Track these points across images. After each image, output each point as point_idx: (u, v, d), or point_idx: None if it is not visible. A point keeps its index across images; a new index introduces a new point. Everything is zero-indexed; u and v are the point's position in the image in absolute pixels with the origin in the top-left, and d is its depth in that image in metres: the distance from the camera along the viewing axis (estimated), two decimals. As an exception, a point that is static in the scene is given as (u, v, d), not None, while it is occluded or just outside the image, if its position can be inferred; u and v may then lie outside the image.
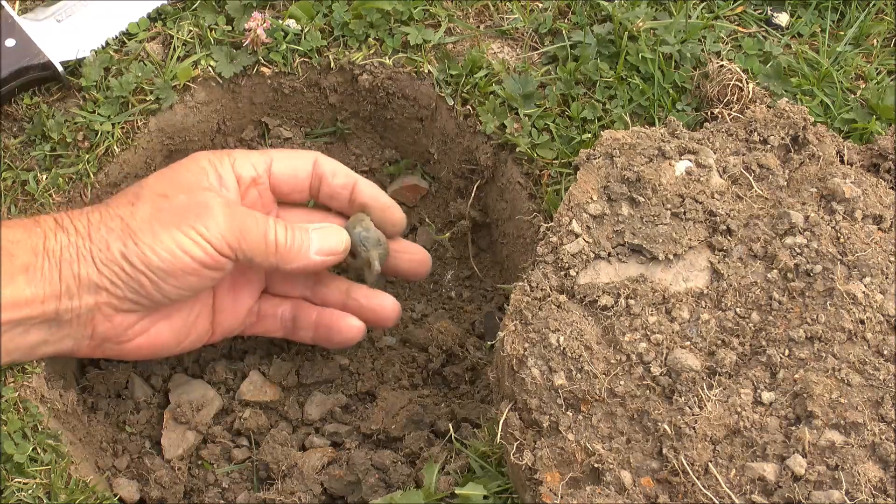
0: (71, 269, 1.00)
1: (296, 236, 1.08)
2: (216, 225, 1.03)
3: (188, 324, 1.11)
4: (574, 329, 0.94)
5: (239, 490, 1.15)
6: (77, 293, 1.01)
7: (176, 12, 1.27)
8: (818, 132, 1.06)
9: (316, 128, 1.32)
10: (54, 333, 1.03)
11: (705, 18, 1.22)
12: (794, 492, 0.87)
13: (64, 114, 1.21)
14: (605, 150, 1.04)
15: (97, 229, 1.02)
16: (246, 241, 1.05)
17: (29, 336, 1.01)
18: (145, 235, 1.01)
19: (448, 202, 1.31)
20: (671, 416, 0.91)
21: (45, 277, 0.99)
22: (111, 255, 1.01)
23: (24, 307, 0.99)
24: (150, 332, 1.08)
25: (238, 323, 1.16)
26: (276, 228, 1.07)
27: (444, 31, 1.25)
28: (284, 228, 1.08)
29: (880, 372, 0.91)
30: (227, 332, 1.16)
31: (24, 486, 1.01)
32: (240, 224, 1.04)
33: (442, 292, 1.31)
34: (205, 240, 1.02)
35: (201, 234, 1.02)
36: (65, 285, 1.00)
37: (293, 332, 1.18)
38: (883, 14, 1.25)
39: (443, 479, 1.02)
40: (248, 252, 1.05)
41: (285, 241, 1.07)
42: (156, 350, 1.10)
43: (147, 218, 1.02)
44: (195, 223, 1.02)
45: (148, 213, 1.03)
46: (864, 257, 0.96)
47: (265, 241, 1.06)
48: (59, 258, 1.00)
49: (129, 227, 1.01)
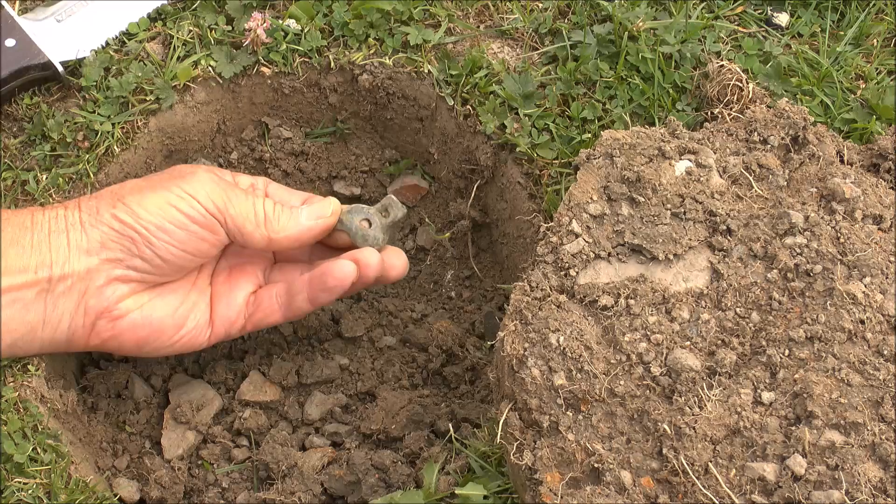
0: (59, 239, 1.03)
1: (284, 209, 1.11)
2: (202, 187, 1.06)
3: (185, 307, 1.10)
4: (574, 329, 0.94)
5: (239, 490, 1.15)
6: (68, 259, 1.03)
7: (176, 12, 1.27)
8: (818, 132, 1.06)
9: (316, 128, 1.32)
10: (50, 311, 1.03)
11: (705, 18, 1.22)
12: (794, 492, 0.87)
13: (64, 114, 1.21)
14: (605, 150, 1.04)
15: (88, 202, 1.06)
16: (233, 206, 1.07)
17: (28, 314, 1.02)
18: (134, 197, 1.05)
19: (448, 202, 1.31)
20: (671, 416, 0.91)
21: (35, 247, 1.02)
22: (101, 217, 1.04)
23: (17, 274, 1.01)
24: (143, 308, 1.07)
25: (236, 315, 1.13)
26: (264, 202, 1.09)
27: (444, 31, 1.25)
28: (273, 203, 1.10)
29: (880, 372, 0.91)
30: (226, 325, 1.13)
31: (24, 486, 1.01)
32: (226, 191, 1.08)
33: (442, 292, 1.31)
34: (191, 196, 1.06)
35: (188, 192, 1.06)
36: (55, 253, 1.02)
37: (289, 306, 1.14)
38: (883, 14, 1.25)
39: (443, 479, 1.02)
40: (237, 219, 1.07)
41: (272, 211, 1.09)
42: (153, 333, 1.08)
43: (135, 186, 1.07)
44: (181, 185, 1.06)
45: (137, 182, 1.08)
46: (864, 257, 0.96)
47: (253, 210, 1.08)
48: (49, 230, 1.03)
49: (118, 194, 1.06)
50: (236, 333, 1.15)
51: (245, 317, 1.14)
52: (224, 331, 1.13)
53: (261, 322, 1.15)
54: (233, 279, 1.15)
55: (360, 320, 1.27)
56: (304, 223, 1.10)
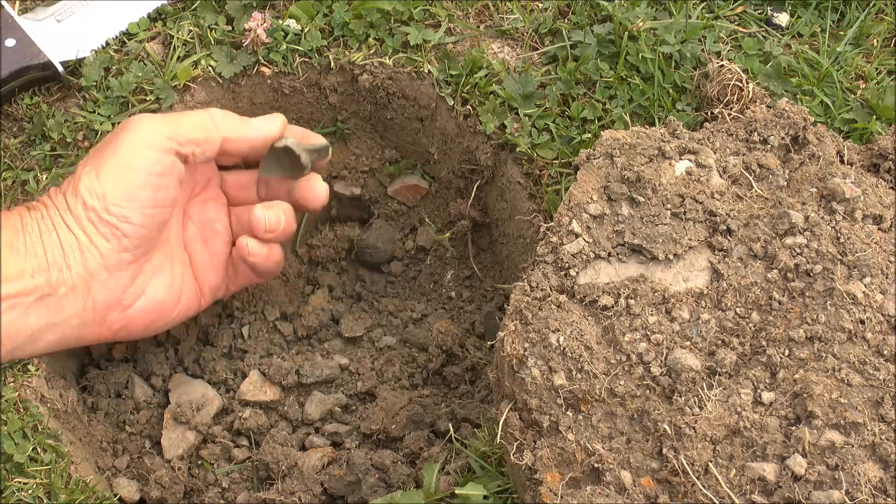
0: (51, 240, 1.03)
1: (234, 115, 1.11)
2: (150, 128, 1.05)
3: (177, 281, 1.13)
4: (574, 329, 0.94)
5: (239, 490, 1.15)
6: (64, 262, 1.03)
7: (176, 12, 1.27)
8: (818, 132, 1.06)
9: (316, 128, 1.32)
10: (54, 314, 1.03)
11: (705, 18, 1.22)
12: (794, 492, 0.87)
13: (64, 114, 1.21)
14: (605, 150, 1.04)
15: (56, 197, 1.05)
16: (182, 124, 1.07)
17: (28, 318, 1.01)
18: (91, 176, 1.04)
19: (448, 202, 1.31)
20: (671, 416, 0.91)
21: (30, 251, 1.02)
22: (76, 213, 1.04)
23: (15, 280, 1.00)
24: (147, 293, 1.09)
25: (220, 279, 1.17)
26: (213, 112, 1.10)
27: (444, 31, 1.25)
28: (222, 112, 1.10)
29: (880, 372, 0.91)
30: (213, 291, 1.17)
31: (24, 485, 1.01)
32: (173, 117, 1.08)
33: (442, 292, 1.31)
34: (144, 146, 1.05)
35: (134, 143, 1.04)
36: (51, 256, 1.02)
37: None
38: (883, 14, 1.25)
39: (443, 479, 1.02)
40: (189, 132, 1.07)
41: (222, 115, 1.10)
42: (160, 315, 1.12)
43: (88, 166, 1.06)
44: (129, 138, 1.05)
45: (88, 162, 1.06)
46: (864, 257, 0.96)
47: (203, 121, 1.08)
48: (39, 232, 1.03)
49: (77, 178, 1.05)
50: (223, 296, 1.21)
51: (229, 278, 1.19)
52: (212, 297, 1.18)
53: (243, 285, 1.21)
54: (205, 240, 1.17)
55: (360, 320, 1.27)
56: (258, 125, 1.12)
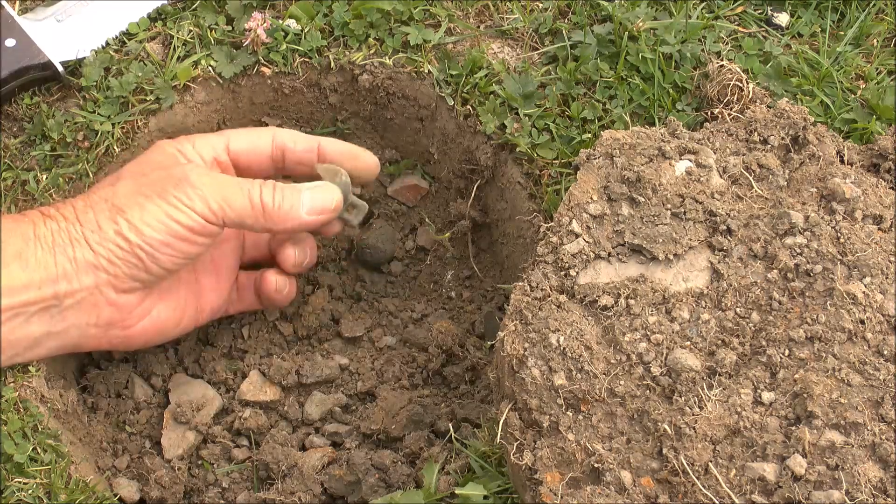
0: (66, 254, 1.02)
1: (285, 196, 1.09)
2: (197, 194, 1.05)
3: (181, 304, 1.13)
4: (574, 329, 0.94)
5: (239, 490, 1.15)
6: (75, 276, 1.02)
7: (176, 12, 1.27)
8: (818, 132, 1.06)
9: (316, 128, 1.32)
10: (56, 323, 1.03)
11: (705, 18, 1.22)
12: (794, 492, 0.87)
13: (64, 114, 1.21)
14: (605, 150, 1.04)
15: (84, 213, 1.04)
16: (231, 206, 1.06)
17: (30, 326, 1.02)
18: (133, 210, 1.03)
19: (448, 202, 1.31)
20: (671, 416, 0.91)
21: (40, 262, 1.01)
22: (105, 234, 1.03)
23: (20, 292, 1.00)
24: (152, 314, 1.10)
25: (223, 301, 1.18)
26: (262, 190, 1.08)
27: (444, 31, 1.25)
28: (272, 189, 1.09)
29: (880, 372, 0.91)
30: (213, 312, 1.18)
31: (24, 486, 1.01)
32: (221, 190, 1.06)
33: (442, 292, 1.31)
34: (189, 208, 1.04)
35: (185, 203, 1.04)
36: (61, 269, 1.01)
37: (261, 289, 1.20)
38: (883, 14, 1.25)
39: (443, 479, 1.02)
40: (236, 217, 1.07)
41: (272, 201, 1.08)
42: (159, 333, 1.12)
43: (130, 193, 1.04)
44: (177, 192, 1.04)
45: (130, 188, 1.05)
46: (864, 257, 0.96)
47: (251, 204, 1.07)
48: (52, 244, 1.02)
49: (116, 206, 1.04)
50: (220, 316, 1.22)
51: (230, 301, 1.21)
52: (211, 317, 1.19)
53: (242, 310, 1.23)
54: (216, 267, 1.17)
55: (360, 320, 1.27)
56: (306, 219, 1.11)
